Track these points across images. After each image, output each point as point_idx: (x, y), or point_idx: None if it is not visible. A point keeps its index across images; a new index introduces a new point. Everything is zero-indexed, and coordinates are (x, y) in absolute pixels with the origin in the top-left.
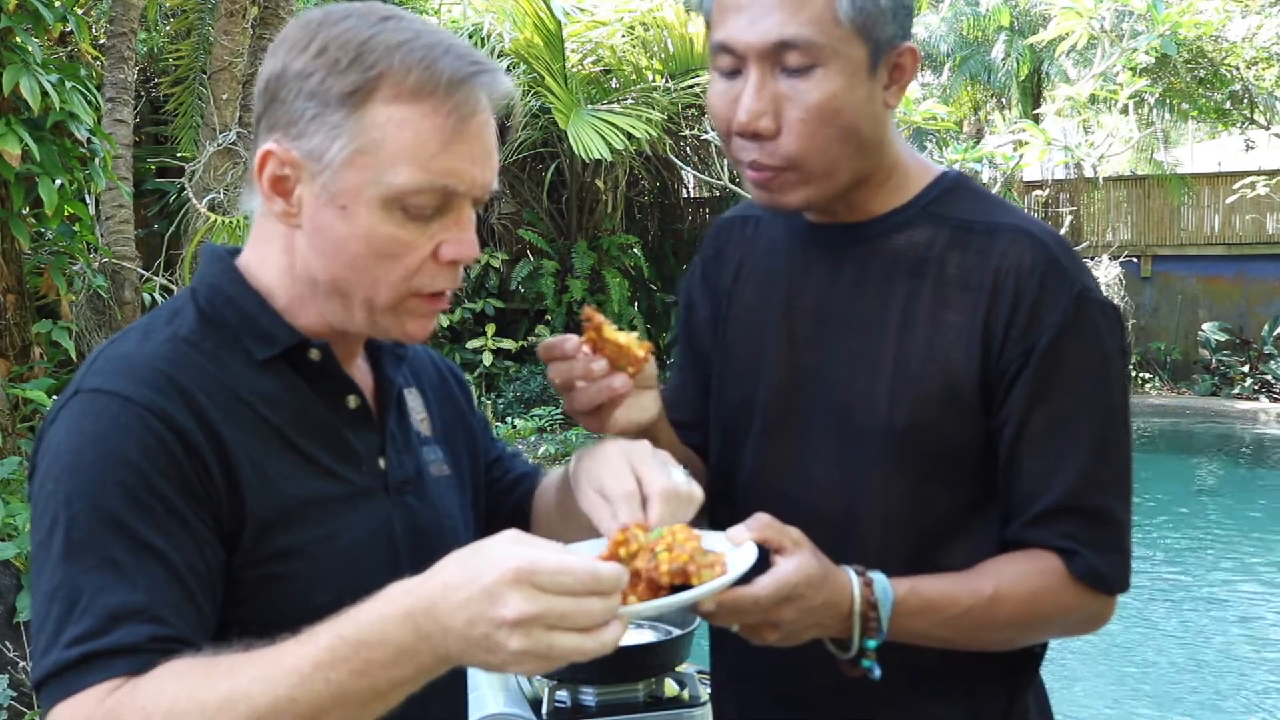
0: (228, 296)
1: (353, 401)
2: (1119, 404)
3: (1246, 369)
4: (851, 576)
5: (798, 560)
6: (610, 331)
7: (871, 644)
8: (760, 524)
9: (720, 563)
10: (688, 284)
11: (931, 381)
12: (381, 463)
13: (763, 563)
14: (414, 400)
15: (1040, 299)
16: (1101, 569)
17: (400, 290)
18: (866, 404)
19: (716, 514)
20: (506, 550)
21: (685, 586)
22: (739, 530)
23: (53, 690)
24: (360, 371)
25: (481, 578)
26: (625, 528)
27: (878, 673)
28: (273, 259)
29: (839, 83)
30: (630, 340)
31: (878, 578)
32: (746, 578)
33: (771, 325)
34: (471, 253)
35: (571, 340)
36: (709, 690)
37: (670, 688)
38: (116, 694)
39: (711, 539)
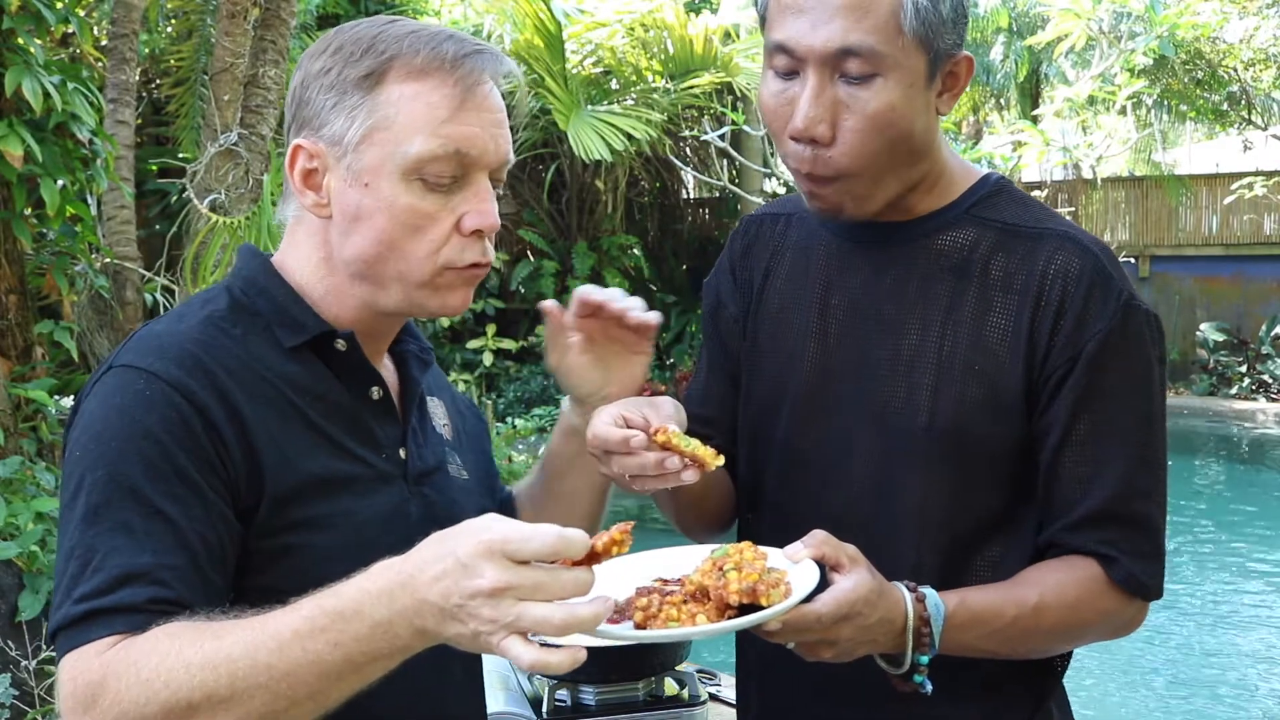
0: (261, 287)
1: (375, 393)
2: (1159, 412)
3: (1244, 369)
4: (904, 593)
5: (855, 578)
6: (679, 439)
7: (924, 659)
8: (818, 541)
9: (784, 581)
10: (715, 282)
11: (975, 383)
12: (402, 453)
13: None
14: (437, 407)
15: (1087, 306)
16: (1140, 576)
17: (430, 265)
18: (908, 404)
19: (745, 509)
20: (481, 525)
21: (754, 605)
22: (797, 548)
23: (62, 642)
24: (386, 371)
25: (457, 551)
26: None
27: (929, 687)
28: (306, 255)
29: (898, 92)
30: (702, 451)
31: (930, 593)
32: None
33: (805, 321)
34: (492, 221)
35: (639, 437)
36: (709, 689)
37: (670, 686)
38: (113, 650)
39: (774, 557)
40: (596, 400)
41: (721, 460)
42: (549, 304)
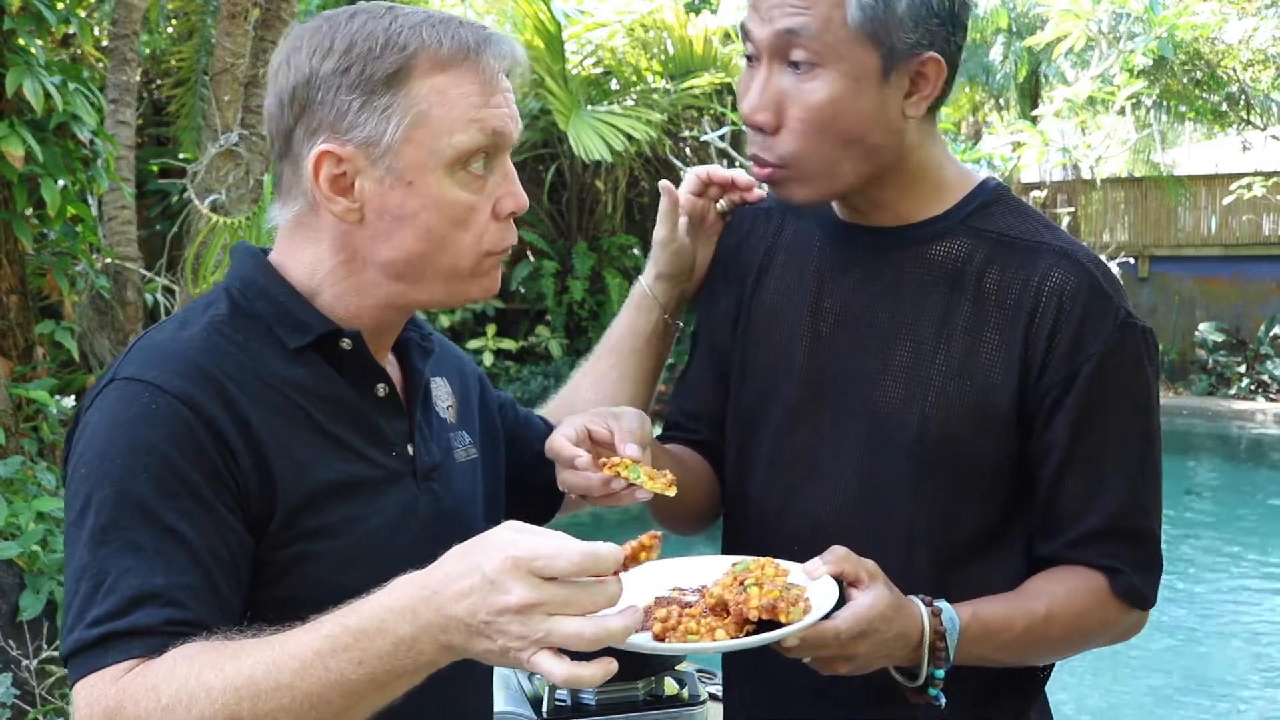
0: (261, 288)
1: (381, 390)
2: (1155, 427)
3: (1243, 369)
4: (921, 607)
5: (874, 595)
6: (627, 470)
7: (939, 673)
8: (837, 557)
9: (803, 598)
10: (706, 276)
11: (967, 396)
12: (410, 449)
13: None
14: (440, 389)
15: (1083, 326)
16: (1141, 587)
17: (476, 253)
18: (900, 413)
19: (729, 507)
20: (507, 539)
21: (773, 620)
22: (816, 564)
23: (76, 667)
24: (389, 365)
25: (483, 566)
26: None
27: (944, 701)
28: (315, 259)
29: (842, 86)
30: (651, 484)
31: (945, 607)
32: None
33: (797, 322)
34: (524, 202)
35: (583, 458)
36: (709, 689)
37: (670, 686)
38: (131, 674)
39: (794, 573)
40: (680, 280)
41: (673, 491)
42: (665, 183)
